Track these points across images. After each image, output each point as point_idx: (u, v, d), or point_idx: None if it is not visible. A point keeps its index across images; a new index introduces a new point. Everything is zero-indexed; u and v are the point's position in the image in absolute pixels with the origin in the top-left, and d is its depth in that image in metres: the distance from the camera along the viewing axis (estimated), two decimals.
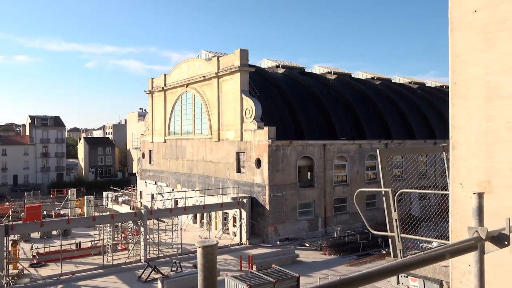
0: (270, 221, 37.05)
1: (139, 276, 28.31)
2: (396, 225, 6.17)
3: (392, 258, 6.14)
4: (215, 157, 44.04)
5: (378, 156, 6.62)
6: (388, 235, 6.28)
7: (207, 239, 1.95)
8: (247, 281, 20.37)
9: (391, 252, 6.34)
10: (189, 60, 50.10)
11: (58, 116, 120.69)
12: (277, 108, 42.55)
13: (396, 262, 2.37)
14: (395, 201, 6.20)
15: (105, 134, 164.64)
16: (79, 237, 38.95)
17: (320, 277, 26.12)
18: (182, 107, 50.80)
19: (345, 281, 2.52)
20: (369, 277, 2.49)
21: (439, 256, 2.39)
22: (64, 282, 27.72)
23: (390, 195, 6.21)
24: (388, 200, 6.22)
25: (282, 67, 51.39)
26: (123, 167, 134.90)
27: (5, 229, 27.31)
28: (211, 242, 2.11)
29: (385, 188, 6.38)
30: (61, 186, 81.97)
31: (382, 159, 6.58)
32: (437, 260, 2.41)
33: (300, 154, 39.20)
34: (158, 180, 54.93)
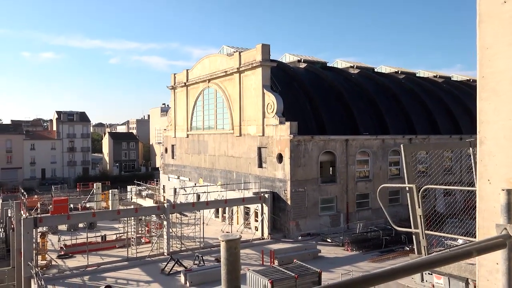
0: (292, 216, 37.02)
1: (162, 268, 28.76)
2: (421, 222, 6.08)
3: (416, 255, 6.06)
4: (237, 152, 44.22)
5: (402, 152, 6.51)
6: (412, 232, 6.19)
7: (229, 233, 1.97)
8: (268, 276, 20.43)
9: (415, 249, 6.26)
10: (211, 55, 50.32)
11: (84, 112, 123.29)
12: (299, 103, 42.34)
13: (421, 259, 2.35)
14: (420, 197, 6.10)
15: (129, 129, 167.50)
16: (104, 230, 39.81)
17: (342, 273, 25.97)
18: (204, 102, 51.13)
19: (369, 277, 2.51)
20: (393, 274, 2.47)
21: (465, 253, 2.35)
22: (90, 273, 28.41)
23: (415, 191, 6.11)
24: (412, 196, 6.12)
25: (303, 61, 51.05)
26: (146, 161, 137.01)
27: (34, 221, 28.17)
28: (234, 236, 2.13)
29: (409, 184, 6.28)
30: (86, 180, 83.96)
31: (406, 155, 6.48)
32: (463, 257, 2.37)
33: (322, 149, 38.95)
34: (181, 175, 55.56)
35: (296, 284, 20.51)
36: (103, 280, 26.67)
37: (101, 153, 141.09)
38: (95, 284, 25.83)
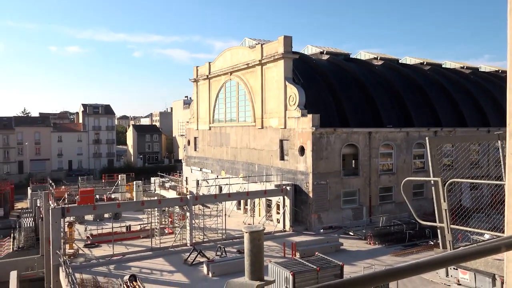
0: (314, 209, 36.92)
1: (185, 259, 29.20)
2: (446, 216, 5.97)
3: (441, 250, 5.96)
4: (259, 144, 44.27)
5: (427, 144, 6.39)
6: (437, 226, 6.09)
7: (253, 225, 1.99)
8: (290, 268, 20.48)
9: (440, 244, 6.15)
10: (233, 48, 50.33)
11: (109, 104, 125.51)
12: (321, 95, 41.98)
13: (447, 253, 2.31)
14: (445, 191, 5.99)
15: (152, 122, 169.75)
16: (129, 220, 40.61)
17: (365, 266, 25.79)
18: (226, 95, 51.29)
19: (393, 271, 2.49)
20: (417, 268, 2.45)
21: (493, 248, 2.30)
22: (116, 262, 29.10)
23: (440, 185, 6.00)
24: (438, 189, 6.01)
25: (326, 53, 50.51)
26: (169, 153, 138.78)
27: (61, 211, 29.00)
28: (258, 228, 2.14)
29: (434, 177, 6.17)
30: (111, 171, 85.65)
31: (431, 147, 6.35)
32: (491, 253, 2.32)
33: (344, 142, 38.59)
34: (203, 167, 56.06)
35: (317, 276, 20.50)
36: (128, 269, 27.28)
37: (125, 145, 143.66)
38: (120, 273, 26.45)
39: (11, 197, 70.33)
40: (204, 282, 25.35)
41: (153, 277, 26.35)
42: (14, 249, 45.24)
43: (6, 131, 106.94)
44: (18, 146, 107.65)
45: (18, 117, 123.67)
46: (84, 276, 25.86)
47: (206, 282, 25.20)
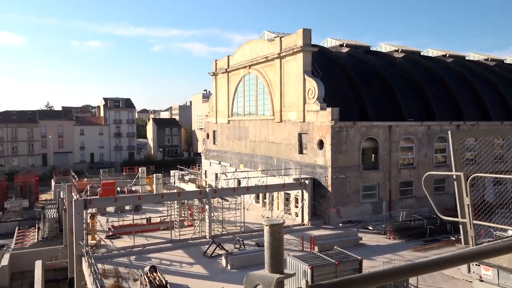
0: (333, 203, 36.76)
1: (204, 251, 29.51)
2: (468, 211, 5.86)
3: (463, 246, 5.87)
4: (277, 138, 44.21)
5: (449, 138, 6.27)
6: (459, 221, 5.99)
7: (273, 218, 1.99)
8: (309, 262, 20.48)
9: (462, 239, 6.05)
10: (252, 41, 50.22)
11: (129, 98, 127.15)
12: (341, 88, 41.58)
13: (470, 249, 2.28)
14: (468, 185, 5.87)
15: (171, 115, 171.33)
16: (149, 212, 41.22)
17: (384, 261, 25.59)
18: (244, 88, 51.31)
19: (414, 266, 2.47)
20: (439, 264, 2.42)
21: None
22: (136, 253, 29.63)
23: (462, 180, 5.89)
24: (460, 184, 5.90)
25: (346, 46, 49.93)
26: (188, 147, 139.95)
27: (84, 203, 29.65)
28: (278, 221, 2.15)
29: (456, 172, 6.06)
30: (132, 164, 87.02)
31: (454, 141, 6.23)
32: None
33: (364, 135, 38.20)
34: (222, 160, 56.35)
35: (336, 270, 20.44)
36: (148, 261, 27.75)
37: (145, 139, 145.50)
38: (141, 264, 26.92)
39: (35, 188, 72.22)
40: (223, 274, 25.59)
41: (172, 269, 26.74)
42: (39, 239, 46.52)
43: (31, 125, 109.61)
44: (42, 139, 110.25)
45: (42, 110, 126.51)
46: (106, 267, 26.43)
47: (224, 274, 25.43)
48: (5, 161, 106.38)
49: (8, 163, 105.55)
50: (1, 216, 60.10)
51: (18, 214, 60.87)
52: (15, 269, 37.23)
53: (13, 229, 52.67)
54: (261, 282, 2.10)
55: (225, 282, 23.30)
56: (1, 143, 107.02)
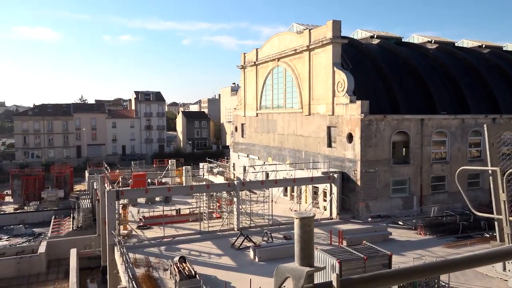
0: (362, 197, 36.32)
1: (232, 243, 29.81)
2: (505, 207, 5.68)
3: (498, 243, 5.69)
4: (306, 131, 43.96)
5: (485, 132, 6.08)
6: (494, 218, 5.81)
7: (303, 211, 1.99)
8: (337, 256, 20.35)
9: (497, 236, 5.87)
10: (280, 33, 49.94)
11: (159, 92, 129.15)
12: (371, 81, 40.84)
13: (506, 247, 2.22)
14: (504, 181, 5.68)
15: (200, 108, 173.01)
16: (179, 204, 41.95)
17: (414, 257, 25.14)
18: (273, 81, 51.17)
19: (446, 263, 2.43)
20: (473, 261, 2.37)
21: None
22: (166, 244, 30.25)
23: (499, 175, 5.70)
24: (496, 180, 5.72)
25: (377, 37, 48.91)
26: (217, 140, 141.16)
27: (116, 193, 30.46)
28: (308, 214, 2.16)
29: (492, 167, 5.87)
30: (162, 156, 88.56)
31: (490, 135, 6.04)
32: None
33: (394, 129, 37.45)
34: (250, 153, 56.57)
35: (365, 265, 20.22)
36: (177, 251, 28.29)
37: (175, 131, 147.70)
38: (171, 254, 27.47)
39: (70, 179, 74.75)
40: (250, 266, 25.80)
41: (201, 260, 27.17)
42: (73, 228, 48.25)
43: (66, 118, 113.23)
44: (76, 132, 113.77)
45: (76, 104, 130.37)
46: (137, 256, 27.14)
47: (252, 267, 25.63)
48: (42, 152, 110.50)
49: (45, 155, 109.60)
50: (38, 206, 62.59)
51: (54, 203, 63.25)
52: (51, 257, 38.79)
53: (50, 218, 54.84)
54: (291, 275, 2.12)
55: (253, 274, 23.47)
56: (38, 135, 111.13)
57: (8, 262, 35.93)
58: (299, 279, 2.10)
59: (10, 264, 35.86)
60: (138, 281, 22.79)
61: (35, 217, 56.87)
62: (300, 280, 2.09)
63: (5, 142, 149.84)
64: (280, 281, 2.21)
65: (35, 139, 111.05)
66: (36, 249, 38.60)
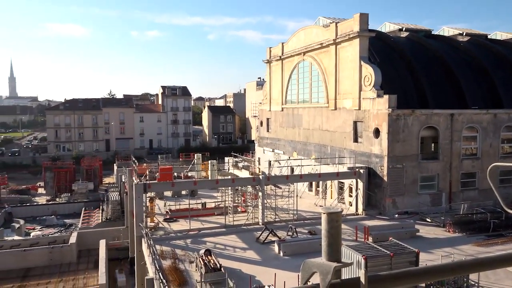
0: (388, 193, 35.77)
1: (257, 237, 29.95)
2: None
3: None
4: (332, 126, 43.56)
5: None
6: None
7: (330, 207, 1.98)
8: (362, 252, 20.15)
9: None
10: (306, 27, 49.50)
11: (185, 86, 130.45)
12: (399, 74, 40.03)
13: None
14: None
15: (226, 103, 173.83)
16: (204, 197, 42.39)
17: (443, 255, 24.63)
18: (299, 76, 50.86)
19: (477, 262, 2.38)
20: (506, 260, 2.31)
21: None
22: (192, 237, 30.68)
23: None
24: None
25: (405, 30, 47.85)
26: (242, 134, 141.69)
27: (143, 186, 31.07)
28: (336, 209, 2.16)
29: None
30: (188, 150, 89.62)
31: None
32: None
33: (423, 124, 36.63)
34: (275, 148, 56.54)
35: (391, 262, 19.96)
36: (203, 244, 28.65)
37: (201, 126, 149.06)
38: (196, 247, 27.85)
39: (99, 172, 76.70)
40: (275, 260, 25.87)
41: (226, 253, 27.43)
42: (103, 220, 49.56)
43: (95, 112, 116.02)
44: (105, 126, 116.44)
45: (105, 98, 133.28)
46: (163, 248, 27.65)
47: (277, 261, 25.71)
48: (72, 146, 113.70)
49: (75, 148, 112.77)
50: (69, 197, 64.54)
51: (84, 196, 65.10)
52: (81, 247, 39.98)
53: (80, 209, 56.50)
54: (318, 270, 2.13)
55: (278, 268, 23.54)
56: (68, 129, 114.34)
57: (41, 252, 37.25)
58: (327, 274, 2.10)
59: (43, 253, 37.17)
60: (165, 273, 23.22)
61: (66, 208, 58.71)
62: (328, 275, 2.09)
63: (36, 136, 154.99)
64: (307, 275, 2.22)
65: (66, 133, 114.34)
66: (67, 240, 39.86)
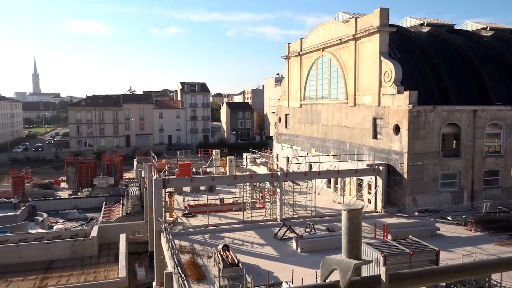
0: (408, 190, 35.30)
1: (275, 233, 29.97)
2: None
3: None
4: (350, 122, 43.16)
5: None
6: None
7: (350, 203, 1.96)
8: (381, 250, 19.97)
9: None
10: (325, 23, 49.07)
11: (204, 83, 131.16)
12: (420, 70, 39.35)
13: None
14: None
15: (244, 99, 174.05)
16: (222, 193, 42.63)
17: (464, 254, 24.21)
18: (317, 72, 50.51)
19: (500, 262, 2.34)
20: None
21: None
22: (210, 232, 30.91)
23: None
24: None
25: (427, 25, 46.92)
26: (260, 130, 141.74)
27: (163, 182, 31.43)
28: (356, 206, 2.14)
29: None
30: (206, 146, 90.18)
31: None
32: None
33: (444, 120, 35.96)
34: (294, 144, 56.38)
35: (410, 260, 19.74)
36: (221, 239, 28.84)
37: (219, 122, 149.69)
38: (214, 242, 28.05)
39: (120, 167, 77.84)
40: (293, 257, 25.87)
41: (244, 249, 27.55)
42: (123, 214, 50.36)
43: (115, 108, 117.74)
44: (125, 122, 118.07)
45: (125, 95, 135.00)
46: (182, 243, 27.94)
47: (295, 257, 25.70)
48: (93, 141, 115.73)
49: (96, 143, 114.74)
50: (91, 192, 65.77)
51: (105, 190, 66.24)
52: (102, 240, 40.72)
53: (101, 204, 57.53)
54: (338, 267, 2.12)
55: (295, 264, 23.54)
56: (90, 124, 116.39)
57: (64, 244, 38.10)
58: (347, 272, 2.09)
59: (66, 246, 38.02)
60: (183, 267, 23.48)
61: (87, 202, 59.86)
62: (348, 272, 2.08)
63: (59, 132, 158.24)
64: (327, 272, 2.22)
65: (87, 129, 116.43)
66: (88, 233, 40.66)
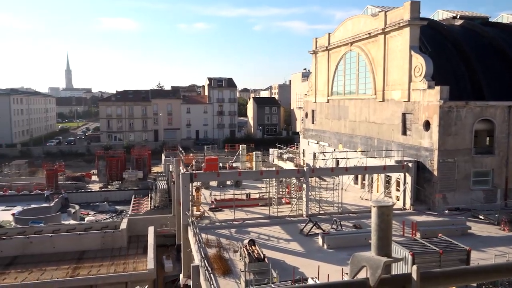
0: (438, 188, 34.45)
1: (301, 229, 29.89)
2: None
3: None
4: (379, 118, 42.43)
5: None
6: None
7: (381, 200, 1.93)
8: (409, 248, 19.60)
9: None
10: (354, 17, 48.29)
11: (231, 78, 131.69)
12: (452, 65, 38.24)
13: None
14: None
15: (271, 94, 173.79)
16: (248, 188, 42.76)
17: (496, 254, 23.49)
18: (345, 67, 49.84)
19: None
20: None
21: None
22: (236, 226, 31.11)
23: None
24: None
25: (460, 18, 45.54)
26: (287, 126, 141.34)
27: (190, 176, 31.81)
28: (387, 203, 2.11)
29: None
30: (233, 141, 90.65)
31: None
32: None
33: (477, 116, 34.85)
34: (320, 140, 55.94)
35: (440, 260, 19.29)
36: (247, 234, 28.98)
37: (246, 117, 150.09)
38: (240, 236, 28.23)
39: (148, 161, 79.28)
40: (319, 253, 25.74)
41: (270, 244, 27.60)
42: (151, 208, 51.31)
43: (144, 103, 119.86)
44: (154, 117, 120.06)
45: (154, 90, 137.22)
46: (209, 237, 28.25)
47: (321, 254, 25.56)
48: (123, 136, 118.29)
49: (126, 138, 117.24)
50: (120, 185, 67.30)
51: (134, 184, 67.64)
52: (131, 233, 41.63)
53: (130, 197, 58.78)
54: (367, 264, 2.09)
55: (321, 261, 23.42)
56: (120, 119, 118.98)
57: (94, 236, 39.15)
58: (376, 269, 2.06)
59: (96, 237, 39.05)
60: (210, 261, 23.75)
61: (117, 195, 61.24)
62: (378, 270, 2.05)
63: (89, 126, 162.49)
64: (356, 269, 2.19)
65: (117, 123, 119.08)
66: (118, 225, 41.62)
